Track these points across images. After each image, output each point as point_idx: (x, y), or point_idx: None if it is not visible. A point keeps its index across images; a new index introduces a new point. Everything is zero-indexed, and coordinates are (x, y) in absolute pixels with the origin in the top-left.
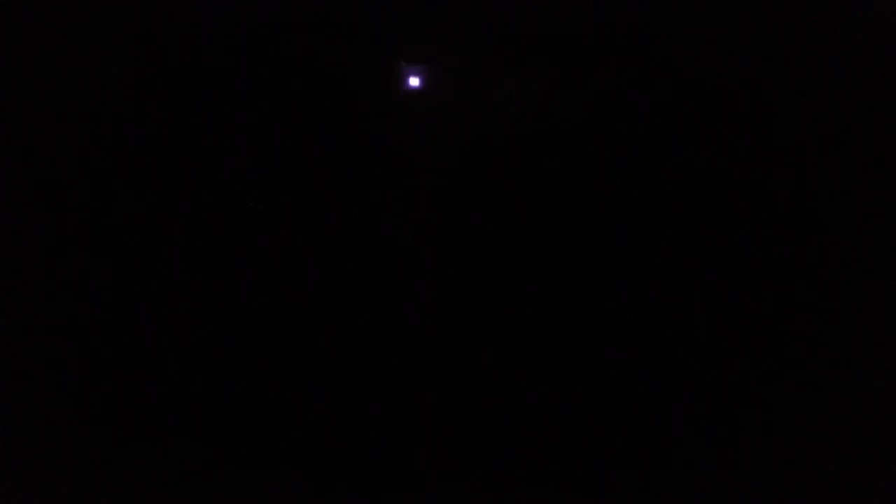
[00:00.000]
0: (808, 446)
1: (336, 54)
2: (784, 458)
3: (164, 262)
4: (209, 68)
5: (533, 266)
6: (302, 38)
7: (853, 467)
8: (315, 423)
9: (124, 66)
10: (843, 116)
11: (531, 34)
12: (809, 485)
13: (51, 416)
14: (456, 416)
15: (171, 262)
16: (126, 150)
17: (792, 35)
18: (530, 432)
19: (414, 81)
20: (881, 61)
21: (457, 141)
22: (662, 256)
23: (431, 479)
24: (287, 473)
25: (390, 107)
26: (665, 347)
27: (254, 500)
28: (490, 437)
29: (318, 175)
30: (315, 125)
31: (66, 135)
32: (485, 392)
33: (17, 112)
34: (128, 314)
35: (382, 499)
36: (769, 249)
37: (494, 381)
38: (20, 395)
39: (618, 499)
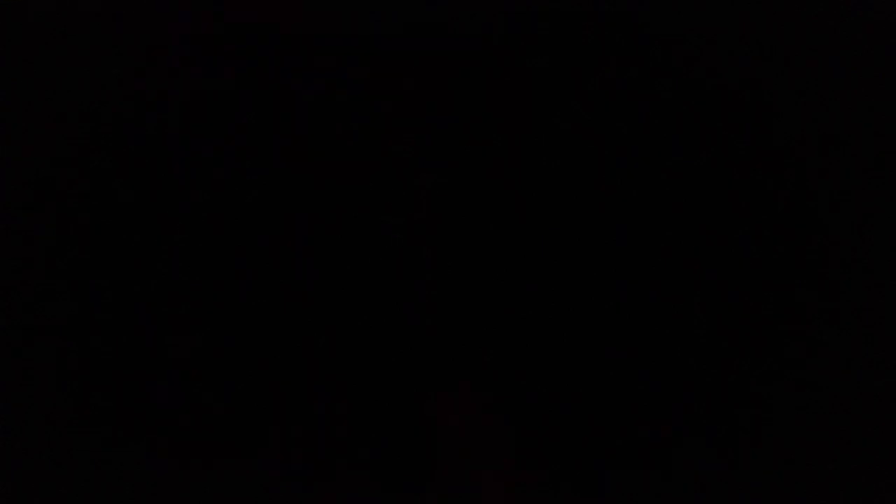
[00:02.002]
0: (808, 447)
1: None
2: (784, 458)
3: (161, 261)
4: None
5: (531, 266)
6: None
7: (853, 468)
8: (316, 424)
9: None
10: (843, 116)
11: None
12: (809, 485)
13: (50, 416)
14: (456, 416)
15: (168, 261)
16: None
17: (792, 34)
18: (531, 432)
19: None
20: (881, 61)
21: None
22: (661, 256)
23: (432, 480)
24: (288, 473)
25: None
26: (665, 348)
27: (254, 500)
28: (491, 437)
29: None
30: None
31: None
32: (485, 392)
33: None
34: (126, 314)
35: (383, 499)
36: (768, 249)
37: (495, 381)
38: (20, 395)
39: (617, 499)
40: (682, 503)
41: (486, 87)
